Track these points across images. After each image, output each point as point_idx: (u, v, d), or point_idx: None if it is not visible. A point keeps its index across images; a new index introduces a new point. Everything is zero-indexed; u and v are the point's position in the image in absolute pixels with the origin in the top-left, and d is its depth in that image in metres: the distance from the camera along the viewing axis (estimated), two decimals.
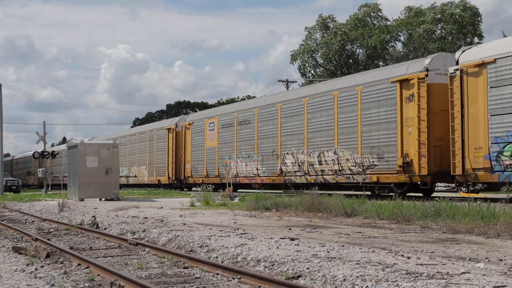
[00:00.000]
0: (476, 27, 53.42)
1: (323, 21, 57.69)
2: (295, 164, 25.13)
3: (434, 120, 19.03)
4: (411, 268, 6.99)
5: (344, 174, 22.40)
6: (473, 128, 17.33)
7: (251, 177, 28.54)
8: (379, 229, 12.02)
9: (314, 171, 23.90)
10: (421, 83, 19.24)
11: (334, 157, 22.81)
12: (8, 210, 21.96)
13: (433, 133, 19.05)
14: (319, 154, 23.65)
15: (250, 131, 28.93)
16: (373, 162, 20.97)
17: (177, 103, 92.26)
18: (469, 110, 17.41)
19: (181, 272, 8.03)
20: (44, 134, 53.60)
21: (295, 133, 25.32)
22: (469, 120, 17.43)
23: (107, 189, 25.28)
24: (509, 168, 16.25)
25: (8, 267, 8.20)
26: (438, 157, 18.89)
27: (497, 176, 16.68)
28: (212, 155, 32.35)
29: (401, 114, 19.85)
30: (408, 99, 19.63)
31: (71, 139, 43.33)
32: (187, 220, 14.33)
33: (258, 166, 27.77)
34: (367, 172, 21.24)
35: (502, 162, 16.50)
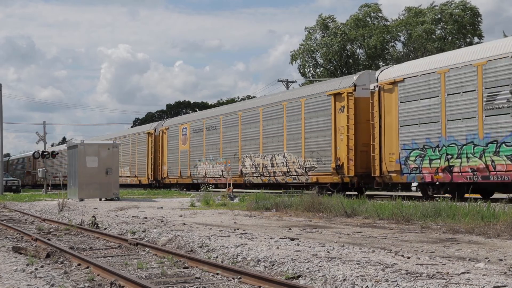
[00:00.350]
0: (476, 27, 53.40)
1: (323, 21, 57.68)
2: (253, 166, 28.17)
3: (360, 128, 22.04)
4: (411, 268, 7.00)
5: (291, 175, 25.54)
6: (388, 137, 20.55)
7: (217, 178, 31.53)
8: (379, 229, 12.02)
9: (268, 173, 27.04)
10: (349, 97, 22.33)
11: (283, 160, 25.97)
12: (8, 210, 21.96)
13: (360, 140, 22.03)
14: (272, 158, 26.79)
15: (216, 136, 32.03)
16: (313, 165, 24.06)
17: (177, 103, 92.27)
18: (385, 121, 20.67)
19: (181, 272, 8.03)
20: (44, 134, 53.57)
21: (252, 139, 28.45)
22: (385, 129, 20.69)
23: (107, 189, 25.28)
24: (414, 170, 19.56)
25: (8, 267, 8.20)
26: (364, 161, 21.73)
27: (406, 177, 20.05)
28: (185, 158, 35.24)
29: (334, 123, 23.00)
30: (340, 110, 22.73)
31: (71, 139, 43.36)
32: (187, 220, 14.33)
33: (222, 168, 30.31)
34: (309, 173, 24.24)
35: (409, 165, 19.80)
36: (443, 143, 18.56)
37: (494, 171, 17.03)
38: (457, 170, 18.10)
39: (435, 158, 18.82)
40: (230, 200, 22.42)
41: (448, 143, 18.39)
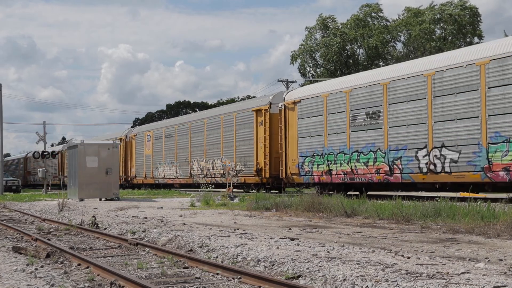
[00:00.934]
0: (476, 27, 53.38)
1: (323, 21, 57.68)
2: (199, 169, 33.37)
3: (274, 139, 27.03)
4: (411, 268, 7.00)
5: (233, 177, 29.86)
6: (291, 146, 25.24)
7: (173, 179, 36.62)
8: (379, 229, 12.02)
9: (210, 174, 32.25)
10: (266, 113, 27.82)
11: (220, 164, 31.08)
12: (8, 210, 21.96)
13: (274, 148, 27.12)
14: (212, 162, 32.08)
15: (172, 143, 37.03)
16: (242, 168, 29.30)
17: (177, 103, 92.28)
18: (289, 133, 25.42)
19: (181, 272, 8.03)
20: (44, 134, 53.60)
21: (199, 146, 33.65)
22: (289, 140, 25.47)
23: (107, 189, 25.28)
24: (307, 173, 24.25)
25: (8, 267, 8.20)
26: (277, 165, 26.31)
27: (303, 179, 24.67)
28: (148, 161, 40.17)
29: (256, 134, 28.38)
30: (260, 124, 28.12)
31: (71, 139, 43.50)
32: (187, 220, 14.33)
33: (177, 170, 35.91)
34: (239, 175, 29.29)
35: (304, 169, 24.42)
36: (325, 152, 23.28)
37: (357, 174, 21.84)
38: (334, 173, 22.88)
39: (321, 164, 23.51)
40: (230, 200, 22.43)
41: (328, 152, 23.14)
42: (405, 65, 21.32)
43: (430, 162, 18.86)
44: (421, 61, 20.58)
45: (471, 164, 17.59)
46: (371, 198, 18.78)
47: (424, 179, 19.25)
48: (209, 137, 32.46)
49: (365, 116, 21.42)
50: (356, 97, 21.82)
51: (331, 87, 23.65)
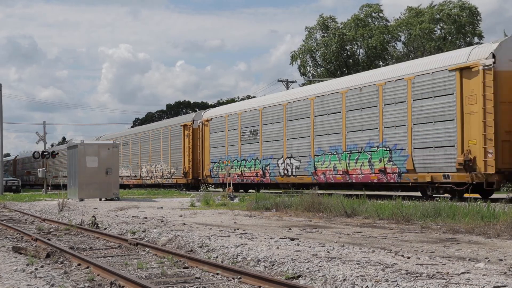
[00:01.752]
0: (476, 27, 53.35)
1: (324, 21, 57.67)
2: (147, 172, 40.49)
3: (195, 148, 34.29)
4: (411, 268, 7.00)
5: (165, 178, 38.02)
6: (206, 154, 32.80)
7: (128, 179, 43.86)
8: (379, 229, 12.02)
9: (154, 176, 39.45)
10: (190, 128, 34.72)
11: (160, 168, 38.37)
12: (8, 210, 21.96)
13: (195, 156, 34.25)
14: (155, 166, 39.19)
15: (127, 150, 43.83)
16: (174, 172, 36.46)
17: (177, 103, 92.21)
18: (204, 145, 32.97)
19: (181, 272, 8.03)
20: (44, 134, 53.54)
21: (146, 153, 40.79)
22: (205, 150, 32.91)
23: (107, 189, 25.28)
24: (216, 175, 31.69)
25: (8, 267, 8.20)
26: (197, 169, 33.87)
27: (213, 179, 32.33)
28: None
29: (183, 145, 35.31)
30: (186, 136, 35.04)
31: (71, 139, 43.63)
32: (187, 220, 14.33)
33: (131, 173, 43.31)
34: (173, 177, 36.72)
35: (213, 172, 32.01)
36: (226, 159, 30.63)
37: (245, 176, 28.91)
38: (233, 175, 28.88)
39: (223, 168, 30.28)
40: (230, 200, 22.43)
41: (227, 159, 30.42)
42: (273, 96, 29.83)
43: (285, 168, 25.95)
44: (281, 95, 29.09)
45: (306, 170, 24.58)
46: (371, 198, 18.78)
47: (282, 180, 26.32)
48: (153, 146, 39.81)
49: (249, 133, 28.81)
50: (245, 118, 29.31)
51: (230, 109, 31.87)
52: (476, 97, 17.34)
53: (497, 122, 16.94)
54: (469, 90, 17.55)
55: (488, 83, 17.04)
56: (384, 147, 20.61)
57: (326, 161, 23.28)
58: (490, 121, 16.94)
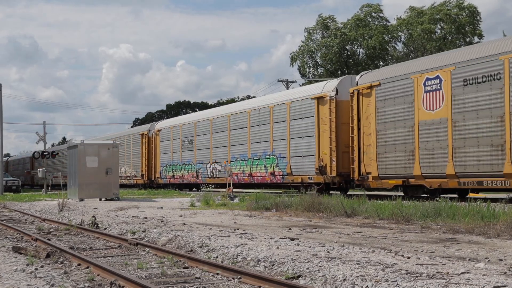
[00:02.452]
0: (476, 27, 53.33)
1: (323, 21, 57.66)
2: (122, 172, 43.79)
3: (151, 154, 40.25)
4: (411, 268, 7.00)
5: (128, 179, 43.88)
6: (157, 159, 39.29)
7: None
8: (379, 229, 12.02)
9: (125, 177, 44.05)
10: (145, 136, 40.92)
11: (124, 170, 43.71)
12: (8, 210, 21.96)
13: (151, 161, 40.07)
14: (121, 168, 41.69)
15: None
16: (135, 174, 42.67)
17: (177, 103, 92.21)
18: (156, 151, 39.26)
19: (181, 272, 8.04)
20: (44, 134, 53.56)
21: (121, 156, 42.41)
22: (157, 155, 39.12)
23: (107, 189, 25.27)
24: (164, 177, 37.95)
25: (8, 267, 8.20)
26: (152, 172, 39.92)
27: (162, 181, 38.40)
28: None
29: (142, 151, 41.19)
30: (144, 143, 40.87)
31: (71, 139, 43.71)
32: (187, 220, 14.34)
33: None
34: (134, 178, 42.96)
35: (162, 174, 38.21)
36: (170, 163, 37.00)
37: (184, 177, 35.28)
38: (175, 177, 36.30)
39: (169, 171, 37.11)
40: (230, 200, 22.43)
41: (172, 163, 36.81)
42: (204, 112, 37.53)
43: (211, 171, 32.43)
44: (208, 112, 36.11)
45: (223, 172, 29.90)
46: (370, 198, 18.78)
47: (209, 181, 32.16)
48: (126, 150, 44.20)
49: (188, 142, 35.08)
50: (184, 130, 35.70)
51: (175, 122, 38.33)
52: (326, 119, 23.87)
53: (339, 138, 23.45)
54: (323, 114, 24.07)
55: (332, 109, 23.59)
56: (274, 156, 27.17)
57: (238, 166, 29.70)
58: (334, 137, 23.54)
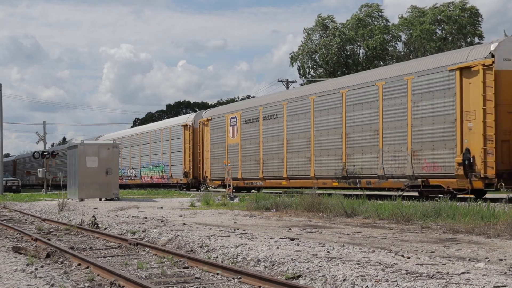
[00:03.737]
0: (476, 28, 53.35)
1: (322, 22, 57.65)
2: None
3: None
4: (411, 268, 7.00)
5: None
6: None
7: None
8: (379, 229, 12.02)
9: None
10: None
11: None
12: (8, 210, 21.95)
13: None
14: None
15: None
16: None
17: (177, 103, 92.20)
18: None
19: (181, 272, 8.03)
20: (44, 134, 53.48)
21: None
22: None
23: (107, 189, 25.27)
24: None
25: (8, 267, 8.20)
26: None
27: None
28: None
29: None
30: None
31: (71, 139, 43.70)
32: (187, 220, 14.34)
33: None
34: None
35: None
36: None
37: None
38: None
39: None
40: (230, 200, 22.42)
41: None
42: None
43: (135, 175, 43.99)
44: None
45: (137, 175, 42.81)
46: (370, 198, 18.78)
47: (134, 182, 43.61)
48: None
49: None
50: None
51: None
52: (188, 140, 36.15)
53: (195, 154, 35.66)
54: (188, 136, 36.32)
55: (191, 133, 35.74)
56: (163, 164, 39.40)
57: (144, 171, 42.40)
58: (191, 153, 36.02)
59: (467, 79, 17.63)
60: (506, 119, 17.04)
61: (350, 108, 22.14)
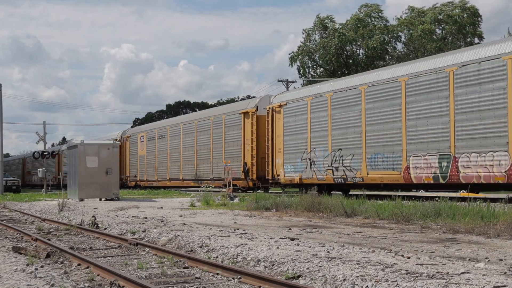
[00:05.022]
0: (476, 28, 53.37)
1: (321, 22, 57.64)
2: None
3: None
4: (411, 268, 6.99)
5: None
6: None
7: None
8: (379, 229, 12.02)
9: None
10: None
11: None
12: (8, 210, 21.95)
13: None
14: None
15: None
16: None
17: (177, 103, 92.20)
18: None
19: (181, 272, 8.03)
20: (44, 134, 53.45)
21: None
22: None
23: (107, 189, 25.26)
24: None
25: (8, 267, 8.20)
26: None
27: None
28: None
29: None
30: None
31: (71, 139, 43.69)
32: (187, 220, 14.34)
33: None
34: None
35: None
36: None
37: None
38: None
39: None
40: (230, 200, 22.42)
41: None
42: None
43: None
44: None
45: None
46: (370, 198, 18.78)
47: None
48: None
49: None
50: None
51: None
52: None
53: None
54: None
55: None
56: None
57: None
58: None
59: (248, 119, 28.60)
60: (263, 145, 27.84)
61: (199, 133, 34.72)
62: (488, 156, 17.00)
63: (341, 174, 22.55)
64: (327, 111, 23.47)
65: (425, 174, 19.03)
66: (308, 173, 24.12)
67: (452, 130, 18.19)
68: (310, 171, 24.07)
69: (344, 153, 22.48)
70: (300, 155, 24.95)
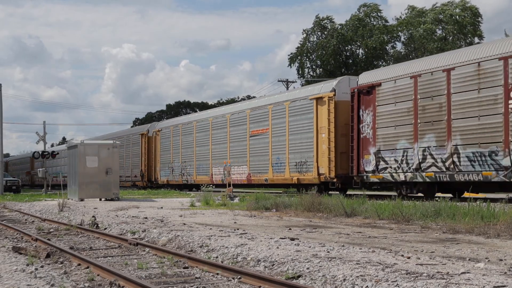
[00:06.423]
0: (477, 27, 53.37)
1: (320, 22, 57.63)
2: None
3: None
4: (411, 268, 7.00)
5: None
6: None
7: None
8: (379, 229, 12.02)
9: None
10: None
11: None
12: (8, 210, 21.95)
13: None
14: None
15: None
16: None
17: (177, 103, 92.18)
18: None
19: (181, 272, 8.03)
20: (44, 134, 53.38)
21: None
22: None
23: (107, 189, 25.27)
24: None
25: (8, 267, 8.20)
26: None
27: None
28: None
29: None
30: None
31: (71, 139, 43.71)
32: (187, 220, 14.34)
33: None
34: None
35: None
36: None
37: None
38: None
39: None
40: (230, 200, 22.42)
41: None
42: None
43: None
44: None
45: None
46: (371, 198, 18.79)
47: None
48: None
49: None
50: None
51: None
52: None
53: None
54: None
55: None
56: None
57: None
58: None
59: None
60: None
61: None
62: None
63: None
64: None
65: None
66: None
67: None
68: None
69: None
70: None
